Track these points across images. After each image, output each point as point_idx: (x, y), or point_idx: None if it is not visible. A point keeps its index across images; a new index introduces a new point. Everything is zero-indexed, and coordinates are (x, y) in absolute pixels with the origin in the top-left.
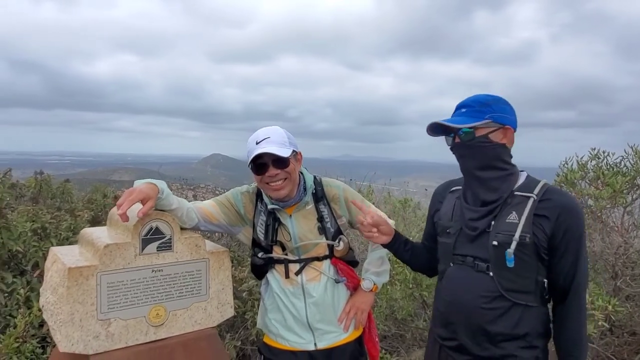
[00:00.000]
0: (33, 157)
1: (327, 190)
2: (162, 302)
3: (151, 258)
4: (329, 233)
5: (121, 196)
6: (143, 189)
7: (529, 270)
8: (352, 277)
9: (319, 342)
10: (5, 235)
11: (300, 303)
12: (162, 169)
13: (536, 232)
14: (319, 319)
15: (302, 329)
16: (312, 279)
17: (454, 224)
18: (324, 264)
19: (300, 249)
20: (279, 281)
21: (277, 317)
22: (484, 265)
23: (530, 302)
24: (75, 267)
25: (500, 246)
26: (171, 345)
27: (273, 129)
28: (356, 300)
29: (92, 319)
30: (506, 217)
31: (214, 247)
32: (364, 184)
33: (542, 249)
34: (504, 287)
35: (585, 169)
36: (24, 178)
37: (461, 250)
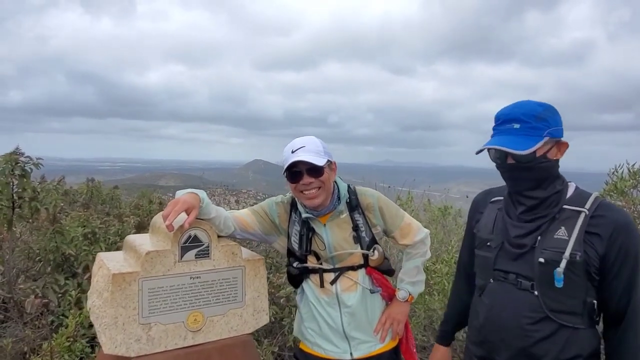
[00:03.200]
0: (87, 164)
1: (362, 199)
2: (200, 308)
3: (190, 265)
4: (364, 242)
5: (166, 206)
6: (187, 200)
7: (578, 291)
8: (388, 287)
9: (354, 352)
10: (59, 239)
11: (335, 312)
12: (205, 175)
13: (587, 251)
14: (354, 327)
15: (338, 338)
16: (347, 288)
17: (495, 237)
18: (358, 274)
19: (335, 259)
20: (314, 290)
21: (313, 325)
22: (528, 284)
23: (578, 324)
24: (119, 273)
25: (547, 264)
26: (208, 350)
27: (309, 139)
28: (392, 311)
29: (134, 322)
30: (554, 232)
31: (250, 254)
32: (404, 190)
33: (594, 269)
34: (549, 308)
35: (637, 177)
36: (77, 184)
37: (503, 266)
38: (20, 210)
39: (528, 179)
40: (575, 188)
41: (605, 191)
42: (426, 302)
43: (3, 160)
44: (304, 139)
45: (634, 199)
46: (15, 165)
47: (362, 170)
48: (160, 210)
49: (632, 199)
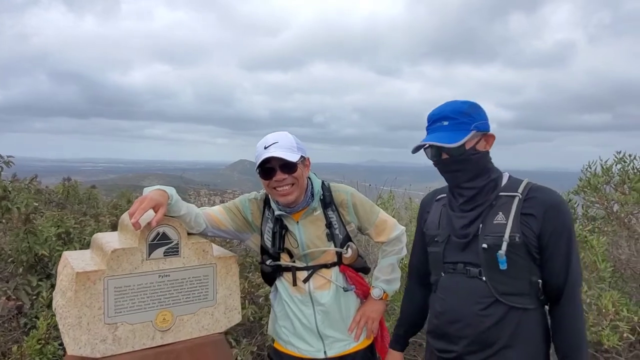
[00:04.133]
0: (69, 164)
1: (336, 195)
2: (169, 307)
3: (158, 263)
4: (338, 239)
5: (133, 205)
6: (154, 197)
7: (522, 271)
8: (362, 285)
9: (329, 351)
10: (31, 239)
11: (309, 311)
12: (189, 174)
13: (525, 232)
14: (328, 325)
15: (311, 337)
16: (321, 287)
17: (442, 232)
18: (332, 272)
19: (308, 256)
20: (287, 289)
21: (286, 324)
22: (476, 271)
23: (527, 304)
24: (83, 271)
25: (490, 249)
26: (177, 350)
27: (282, 134)
28: (366, 309)
29: (100, 322)
30: (493, 218)
31: (222, 252)
32: (385, 189)
33: (534, 248)
34: (498, 291)
35: (610, 173)
36: (56, 184)
37: (451, 258)
38: None
39: (464, 171)
40: (509, 177)
41: (578, 187)
42: (403, 299)
43: None
44: (277, 135)
45: (607, 195)
46: None
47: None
48: None
49: (605, 195)
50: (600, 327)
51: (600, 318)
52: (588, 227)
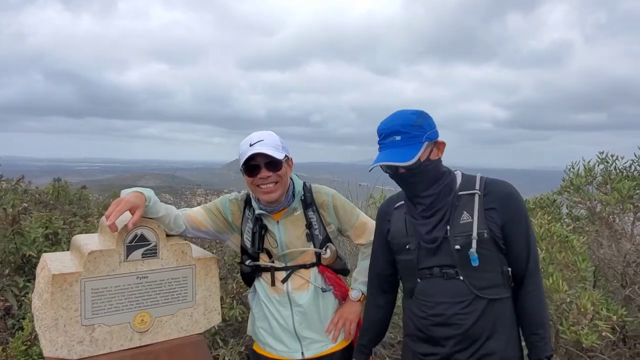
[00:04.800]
0: (64, 164)
1: (317, 196)
2: (147, 309)
3: (136, 265)
4: (317, 240)
5: (110, 207)
6: (130, 199)
7: (494, 264)
8: (340, 286)
9: (306, 352)
10: (18, 240)
11: (286, 311)
12: (186, 174)
13: (490, 226)
14: (306, 327)
15: (289, 338)
16: (299, 287)
17: (412, 239)
18: (311, 272)
19: (287, 257)
20: (265, 289)
21: (264, 325)
22: (453, 271)
23: (502, 294)
24: (59, 273)
25: (463, 248)
26: (156, 351)
27: (267, 133)
28: (344, 311)
29: (76, 324)
30: (459, 218)
31: (202, 253)
32: (377, 188)
33: (499, 240)
34: (476, 287)
35: (593, 174)
36: (48, 185)
37: (426, 264)
38: None
39: (420, 182)
40: (462, 175)
41: (562, 188)
42: None
43: None
44: (262, 133)
45: (590, 195)
46: None
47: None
48: None
49: (588, 195)
50: (580, 326)
51: (580, 317)
52: (570, 227)
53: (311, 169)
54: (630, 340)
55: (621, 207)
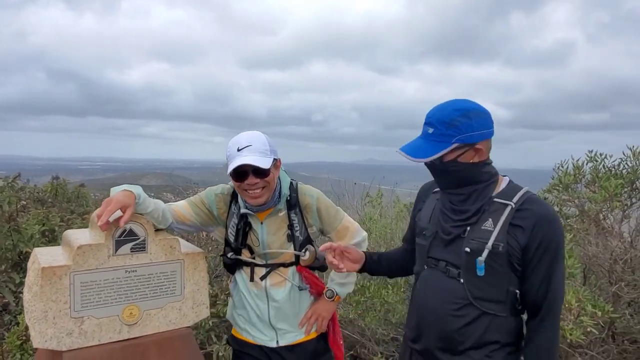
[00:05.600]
0: (65, 163)
1: (302, 198)
2: (136, 302)
3: (125, 259)
4: (298, 241)
5: (101, 207)
6: (120, 199)
7: (500, 280)
8: (317, 285)
9: (280, 340)
10: (15, 237)
11: (263, 305)
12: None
13: (510, 242)
14: (281, 320)
15: (264, 328)
16: (276, 284)
17: (431, 226)
18: (289, 271)
19: (268, 255)
20: (245, 281)
21: (243, 313)
22: (456, 272)
23: (500, 312)
24: (49, 266)
25: (472, 253)
26: (145, 343)
27: (255, 136)
28: (318, 307)
29: (65, 316)
30: (482, 224)
31: (190, 248)
32: (375, 187)
33: (516, 260)
34: (473, 295)
35: (582, 172)
36: (46, 183)
37: (435, 254)
38: None
39: (444, 180)
40: (509, 182)
41: (550, 186)
42: (382, 295)
43: None
44: (250, 136)
45: (578, 193)
46: None
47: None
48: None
49: (577, 193)
50: (566, 322)
51: (565, 313)
52: None
53: (312, 169)
54: (619, 336)
55: (608, 205)
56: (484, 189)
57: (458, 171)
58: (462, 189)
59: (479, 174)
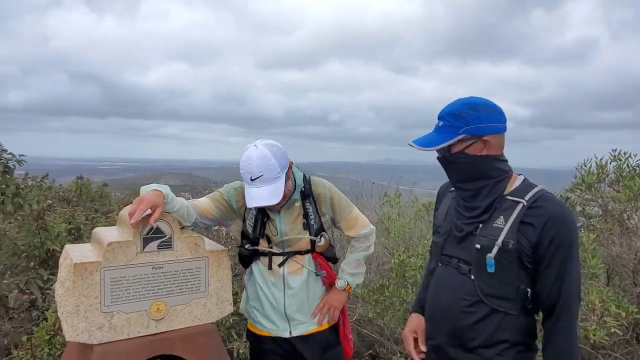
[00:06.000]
0: (87, 163)
1: (315, 189)
2: (163, 298)
3: (152, 256)
4: (312, 229)
5: (132, 206)
6: (151, 199)
7: (510, 277)
8: (330, 274)
9: (294, 330)
10: (43, 235)
11: (279, 293)
12: (204, 173)
13: (521, 240)
14: (295, 309)
15: (278, 318)
16: (294, 272)
17: (445, 224)
18: (305, 258)
19: (285, 243)
20: (262, 272)
21: (257, 305)
22: (467, 268)
23: (510, 309)
24: (80, 262)
25: (482, 250)
26: (171, 338)
27: (263, 163)
28: (330, 298)
29: (96, 311)
30: (494, 221)
31: (214, 246)
32: (392, 187)
33: (526, 257)
34: (483, 292)
35: (605, 171)
36: (71, 183)
37: (448, 251)
38: (4, 206)
39: (454, 172)
40: (523, 180)
41: (573, 185)
42: (401, 295)
43: None
44: (261, 164)
45: (602, 192)
46: None
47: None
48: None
49: (600, 193)
50: (589, 323)
51: (589, 313)
52: (581, 225)
53: (330, 169)
54: None
55: (633, 204)
56: (495, 185)
57: (465, 163)
58: (471, 184)
59: (487, 168)
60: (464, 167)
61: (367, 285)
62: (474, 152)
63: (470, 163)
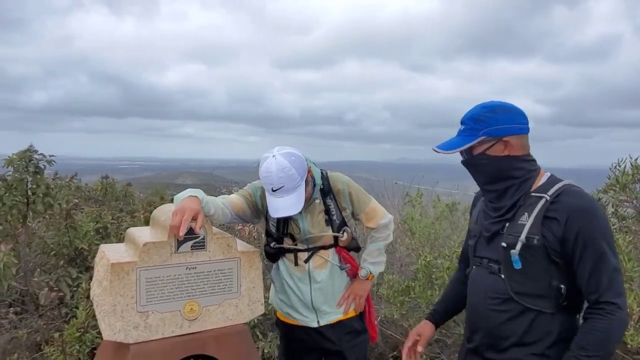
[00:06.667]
0: (107, 162)
1: (333, 185)
2: (196, 298)
3: (186, 256)
4: (335, 224)
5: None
6: (192, 207)
7: (540, 273)
8: (353, 265)
9: (321, 320)
10: (72, 234)
11: (306, 287)
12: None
13: (545, 234)
14: (322, 301)
15: (305, 310)
16: (319, 266)
17: (476, 227)
18: (329, 252)
19: (309, 240)
20: (288, 268)
21: (284, 298)
22: (497, 268)
23: (545, 308)
24: (117, 262)
25: (508, 248)
26: (204, 338)
27: (285, 174)
28: (354, 287)
29: (132, 310)
30: (518, 218)
31: (246, 247)
32: (414, 187)
33: (553, 252)
34: (513, 290)
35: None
36: (95, 182)
37: (480, 252)
38: (35, 205)
39: (478, 174)
40: (549, 177)
41: (607, 186)
42: (428, 296)
43: (17, 157)
44: (280, 177)
45: (637, 193)
46: (29, 162)
47: (378, 168)
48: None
49: (635, 194)
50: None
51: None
52: (615, 226)
53: (346, 168)
54: None
55: None
56: (521, 184)
57: (488, 164)
58: (496, 185)
59: (510, 168)
60: (487, 169)
61: (392, 287)
62: (495, 153)
63: (492, 164)
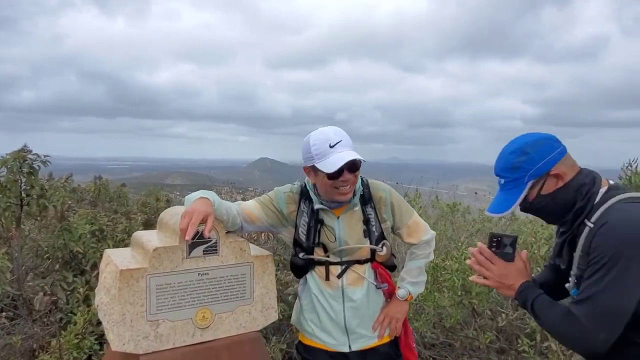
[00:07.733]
0: (95, 162)
1: (374, 192)
2: (208, 305)
3: (197, 261)
4: (373, 236)
5: (181, 217)
6: (201, 209)
7: None
8: (390, 284)
9: (353, 345)
10: (67, 236)
11: (338, 306)
12: (211, 173)
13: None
14: (357, 323)
15: (337, 331)
16: (353, 282)
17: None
18: (365, 268)
19: (343, 252)
20: (317, 282)
21: (312, 317)
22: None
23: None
24: (127, 269)
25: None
26: (216, 347)
27: (339, 131)
28: (390, 309)
29: (142, 319)
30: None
31: (259, 251)
32: (411, 187)
33: None
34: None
35: None
36: (85, 182)
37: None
38: (29, 207)
39: (546, 215)
40: (606, 190)
41: None
42: (435, 299)
43: (11, 157)
44: (336, 131)
45: None
46: (23, 162)
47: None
48: (167, 208)
49: None
50: None
51: None
52: None
53: None
54: None
55: None
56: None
57: (548, 204)
58: (567, 215)
59: (570, 196)
60: (550, 208)
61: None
62: (550, 190)
63: (552, 201)
